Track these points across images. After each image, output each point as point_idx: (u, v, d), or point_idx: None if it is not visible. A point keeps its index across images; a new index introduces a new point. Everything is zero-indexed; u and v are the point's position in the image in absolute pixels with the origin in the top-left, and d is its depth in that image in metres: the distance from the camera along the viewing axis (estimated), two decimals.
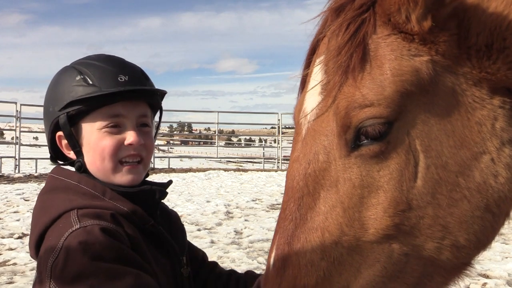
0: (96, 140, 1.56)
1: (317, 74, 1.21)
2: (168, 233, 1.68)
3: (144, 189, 1.59)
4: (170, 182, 1.78)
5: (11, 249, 6.16)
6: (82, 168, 1.59)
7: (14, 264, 5.59)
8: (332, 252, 1.09)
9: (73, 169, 1.65)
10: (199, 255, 1.92)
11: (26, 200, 9.50)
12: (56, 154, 1.70)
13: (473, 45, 1.12)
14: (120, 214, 1.50)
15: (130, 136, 1.57)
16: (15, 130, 16.52)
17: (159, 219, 1.67)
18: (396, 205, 1.08)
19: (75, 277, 1.29)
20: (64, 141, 1.62)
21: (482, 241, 1.14)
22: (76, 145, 1.60)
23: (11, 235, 6.68)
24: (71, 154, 1.63)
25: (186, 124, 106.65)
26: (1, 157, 16.35)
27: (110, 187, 1.56)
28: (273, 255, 1.16)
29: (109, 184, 1.57)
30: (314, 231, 1.11)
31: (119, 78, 1.57)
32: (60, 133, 1.61)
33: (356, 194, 1.10)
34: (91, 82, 1.55)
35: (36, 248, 1.48)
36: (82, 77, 1.56)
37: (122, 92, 1.54)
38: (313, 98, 1.20)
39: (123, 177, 1.58)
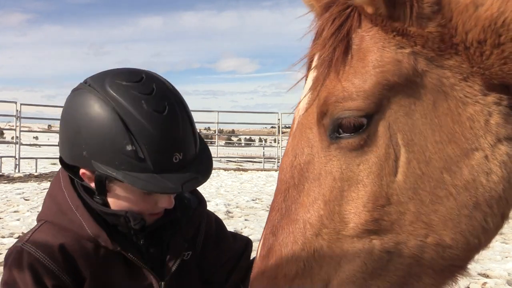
0: (129, 200, 1.49)
1: (312, 70, 1.22)
2: (160, 254, 1.61)
3: (117, 213, 1.50)
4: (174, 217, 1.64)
5: None
6: (104, 204, 1.52)
7: None
8: (313, 244, 1.10)
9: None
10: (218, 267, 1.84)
11: (26, 200, 9.50)
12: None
13: (461, 43, 1.08)
14: (81, 237, 1.46)
15: (164, 201, 1.51)
16: (15, 129, 16.52)
17: (144, 242, 1.57)
18: (375, 199, 1.07)
19: None
20: (89, 176, 1.49)
21: (472, 242, 1.09)
22: (104, 192, 1.48)
23: (11, 235, 6.66)
24: (92, 185, 1.51)
25: None
26: (1, 157, 16.35)
27: (88, 202, 1.51)
28: (260, 244, 1.18)
29: (89, 198, 1.52)
30: (297, 223, 1.12)
31: (174, 159, 1.40)
32: (86, 172, 1.48)
33: (337, 187, 1.10)
34: (142, 157, 1.37)
35: None
36: (133, 148, 1.37)
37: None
38: (304, 93, 1.22)
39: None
